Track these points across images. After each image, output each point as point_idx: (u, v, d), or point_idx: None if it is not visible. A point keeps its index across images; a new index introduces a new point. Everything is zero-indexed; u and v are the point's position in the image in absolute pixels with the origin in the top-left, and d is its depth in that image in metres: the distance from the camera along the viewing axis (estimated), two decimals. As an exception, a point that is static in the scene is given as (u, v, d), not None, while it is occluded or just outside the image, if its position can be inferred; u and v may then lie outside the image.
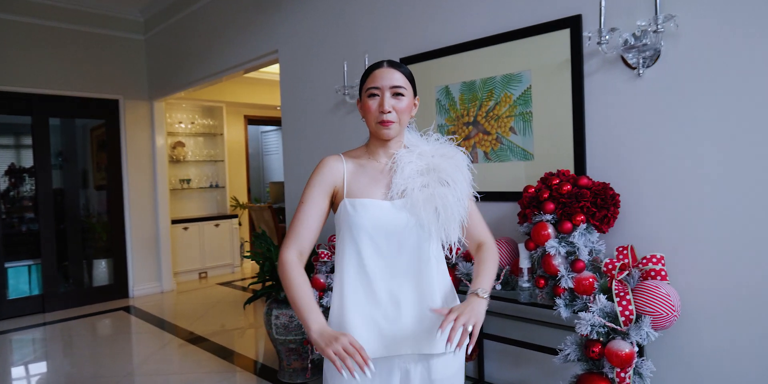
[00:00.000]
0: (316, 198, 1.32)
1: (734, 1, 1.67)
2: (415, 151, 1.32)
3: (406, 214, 1.27)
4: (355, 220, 1.27)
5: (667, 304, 1.61)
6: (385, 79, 1.29)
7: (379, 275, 1.27)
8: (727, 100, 1.69)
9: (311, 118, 3.28)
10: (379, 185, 1.32)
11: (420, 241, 1.28)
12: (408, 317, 1.27)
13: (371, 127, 1.33)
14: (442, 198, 1.25)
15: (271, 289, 2.90)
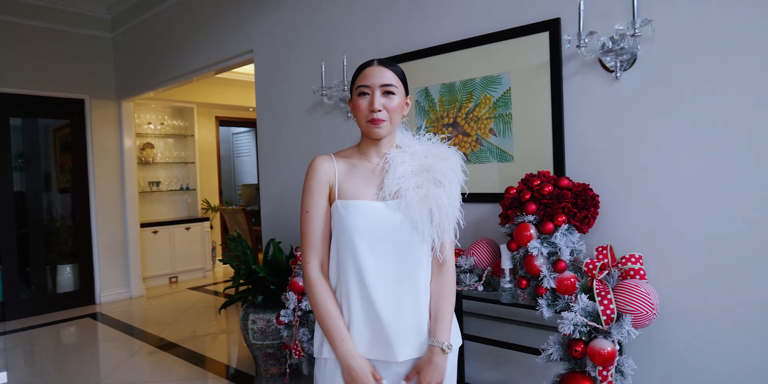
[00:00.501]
0: (318, 203, 1.31)
1: (708, 8, 1.71)
2: (408, 151, 1.31)
3: (400, 215, 1.25)
4: (348, 221, 1.25)
5: (646, 302, 1.63)
6: (375, 77, 1.27)
7: (374, 278, 1.24)
8: (701, 103, 1.74)
9: (288, 119, 3.24)
10: (371, 185, 1.30)
11: (413, 242, 1.25)
12: (402, 320, 1.25)
13: (362, 126, 1.31)
14: (437, 199, 1.23)
15: (248, 293, 2.84)
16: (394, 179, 1.26)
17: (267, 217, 3.44)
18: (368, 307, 1.24)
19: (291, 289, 2.54)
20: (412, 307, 1.25)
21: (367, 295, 1.24)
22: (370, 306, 1.24)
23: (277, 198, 3.34)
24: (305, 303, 2.50)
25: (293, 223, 3.20)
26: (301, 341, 2.54)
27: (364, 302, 1.25)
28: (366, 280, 1.24)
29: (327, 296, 1.27)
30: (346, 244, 1.26)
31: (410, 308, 1.25)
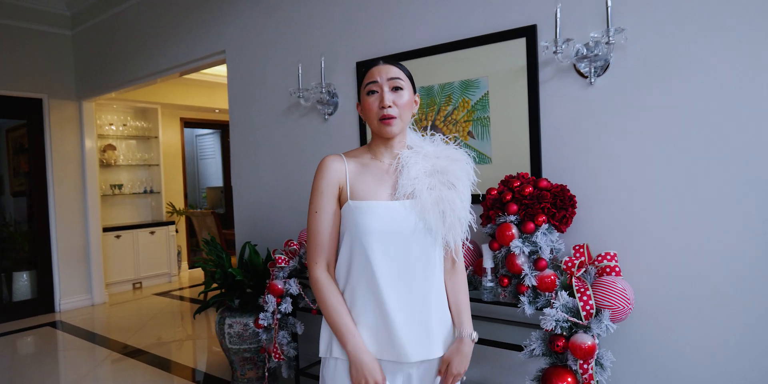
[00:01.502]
0: (327, 204, 1.29)
1: (675, 19, 1.82)
2: (421, 151, 1.30)
3: (414, 216, 1.24)
4: (362, 222, 1.24)
5: (623, 297, 1.71)
6: (382, 72, 1.28)
7: (387, 279, 1.23)
8: (670, 107, 1.84)
9: (262, 121, 3.21)
10: (384, 186, 1.29)
11: (426, 244, 1.25)
12: (414, 322, 1.25)
13: (373, 126, 1.30)
14: (450, 201, 1.23)
15: (224, 297, 2.80)
16: (409, 180, 1.25)
17: (241, 220, 3.39)
18: (380, 308, 1.24)
19: (270, 292, 2.52)
20: (423, 308, 1.25)
21: (378, 296, 1.24)
22: (381, 307, 1.24)
23: (251, 201, 3.30)
24: (284, 306, 2.48)
25: (270, 225, 3.17)
26: (280, 344, 2.52)
27: (375, 303, 1.24)
28: (378, 281, 1.23)
29: (335, 294, 1.27)
30: (358, 245, 1.24)
31: (422, 310, 1.25)
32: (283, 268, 2.56)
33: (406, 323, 1.24)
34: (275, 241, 3.12)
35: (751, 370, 1.74)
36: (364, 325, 1.26)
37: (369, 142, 1.40)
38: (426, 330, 1.26)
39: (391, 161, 1.33)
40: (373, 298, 1.25)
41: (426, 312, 1.26)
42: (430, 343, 1.26)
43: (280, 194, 3.12)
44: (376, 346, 1.26)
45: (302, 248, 2.60)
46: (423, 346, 1.26)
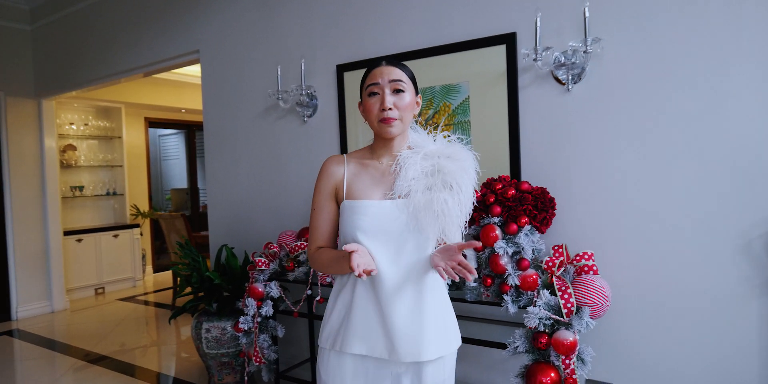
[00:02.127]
0: (324, 203, 1.36)
1: (647, 28, 1.92)
2: (420, 151, 1.30)
3: (405, 216, 1.26)
4: (353, 221, 1.27)
5: (602, 295, 1.79)
6: (384, 74, 1.29)
7: (379, 277, 1.26)
8: (642, 113, 1.94)
9: (238, 122, 3.17)
10: (380, 186, 1.31)
11: (419, 244, 1.27)
12: (406, 322, 1.26)
13: (374, 126, 1.32)
14: (443, 203, 1.23)
15: (201, 301, 2.75)
16: (406, 181, 1.26)
17: (215, 222, 3.34)
18: (374, 306, 1.27)
19: (250, 295, 2.50)
20: (417, 308, 1.27)
21: (372, 294, 1.27)
22: (375, 305, 1.27)
23: (227, 202, 3.25)
24: (265, 309, 2.47)
25: (246, 228, 3.14)
26: (261, 348, 2.51)
27: (370, 301, 1.27)
28: (371, 280, 1.26)
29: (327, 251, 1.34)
30: (353, 242, 1.27)
31: (415, 309, 1.27)
32: (263, 270, 2.54)
33: (399, 322, 1.25)
34: (253, 243, 3.09)
35: (718, 360, 1.85)
36: (359, 321, 1.28)
37: (371, 142, 1.41)
38: (419, 330, 1.26)
39: (390, 162, 1.34)
40: (368, 296, 1.28)
41: (419, 311, 1.27)
42: (422, 345, 1.26)
43: (257, 196, 3.09)
44: (369, 342, 1.28)
45: (282, 251, 2.59)
46: (415, 346, 1.26)
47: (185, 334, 4.07)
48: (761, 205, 1.77)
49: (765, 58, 1.74)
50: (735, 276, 1.82)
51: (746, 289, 1.81)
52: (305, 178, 2.87)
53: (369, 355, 1.30)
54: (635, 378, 2.00)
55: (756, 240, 1.79)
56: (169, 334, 4.08)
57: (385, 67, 1.31)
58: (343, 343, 1.30)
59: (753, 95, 1.77)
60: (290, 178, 2.93)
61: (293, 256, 2.50)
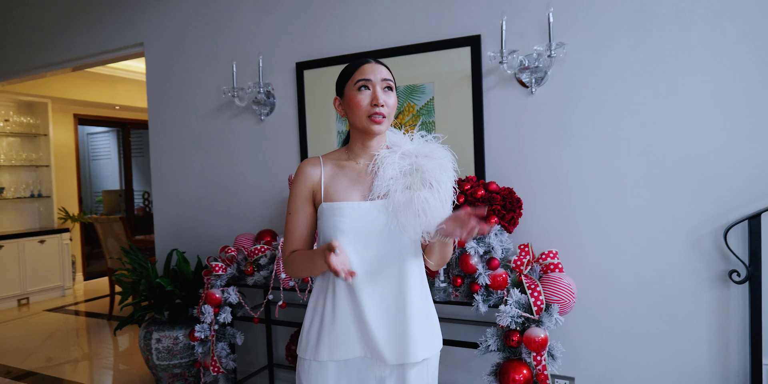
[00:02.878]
0: (300, 207, 1.32)
1: (605, 35, 2.00)
2: (398, 151, 1.29)
3: (385, 216, 1.24)
4: (333, 223, 1.24)
5: (569, 292, 1.85)
6: (376, 72, 1.27)
7: (360, 279, 1.23)
8: (599, 117, 2.03)
9: (188, 120, 3.01)
10: (358, 187, 1.29)
11: (401, 245, 1.25)
12: (389, 323, 1.24)
13: (359, 122, 1.27)
14: (423, 202, 1.21)
15: (150, 310, 2.58)
16: (384, 181, 1.25)
17: (162, 225, 3.15)
18: (355, 309, 1.24)
19: (207, 302, 2.37)
20: (399, 309, 1.25)
21: (354, 296, 1.24)
22: (356, 309, 1.24)
23: (175, 205, 3.08)
24: (223, 315, 2.35)
25: (197, 232, 2.99)
26: (219, 357, 2.39)
27: (351, 304, 1.25)
28: (353, 284, 1.23)
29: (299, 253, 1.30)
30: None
31: (398, 310, 1.25)
32: (220, 276, 2.43)
33: (380, 324, 1.23)
34: (205, 247, 2.94)
35: (672, 349, 1.96)
36: (342, 325, 1.25)
37: (347, 143, 1.38)
38: (402, 332, 1.24)
39: (367, 162, 1.32)
40: (349, 298, 1.25)
41: (402, 313, 1.24)
42: (406, 346, 1.24)
43: (209, 198, 2.95)
44: (351, 347, 1.25)
45: (240, 254, 2.48)
46: (400, 348, 1.24)
47: (123, 346, 3.82)
48: (709, 204, 1.89)
49: (713, 67, 1.87)
50: (687, 270, 1.94)
51: (697, 282, 1.93)
52: (262, 178, 2.77)
53: (352, 359, 1.27)
54: (596, 371, 2.08)
55: (705, 237, 1.91)
56: (104, 347, 3.81)
57: (375, 64, 1.29)
58: (325, 352, 1.26)
59: (703, 101, 1.89)
60: (246, 179, 2.82)
61: (253, 259, 2.40)
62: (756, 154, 1.82)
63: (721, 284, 1.89)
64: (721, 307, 1.89)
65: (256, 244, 2.47)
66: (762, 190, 1.81)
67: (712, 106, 1.88)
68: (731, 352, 1.89)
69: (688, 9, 1.89)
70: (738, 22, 1.83)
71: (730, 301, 1.88)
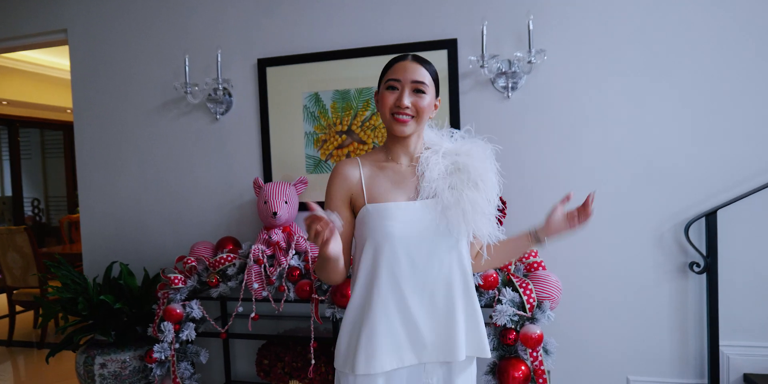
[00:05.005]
0: (337, 209, 1.25)
1: (577, 43, 2.13)
2: (440, 150, 1.27)
3: (434, 217, 1.21)
4: (381, 225, 1.19)
5: (557, 288, 1.93)
6: (408, 72, 1.23)
7: (410, 283, 1.19)
8: (571, 121, 2.15)
9: (125, 118, 2.71)
10: (402, 188, 1.25)
11: (450, 245, 1.22)
12: (439, 325, 1.22)
13: (385, 119, 1.26)
14: (472, 200, 1.21)
15: (91, 332, 2.28)
16: (430, 182, 1.22)
17: (92, 235, 2.80)
18: (403, 313, 1.20)
19: (167, 318, 2.15)
20: (449, 311, 1.22)
21: (402, 301, 1.20)
22: (405, 312, 1.20)
23: (109, 213, 2.76)
24: (186, 332, 2.15)
25: (138, 241, 2.69)
26: (182, 378, 2.17)
27: (399, 309, 1.20)
28: (401, 286, 1.19)
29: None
30: (379, 248, 1.19)
31: (447, 313, 1.22)
32: (179, 289, 2.21)
33: (429, 326, 1.21)
34: (150, 259, 2.66)
35: (637, 336, 2.12)
36: (387, 332, 1.20)
37: (384, 143, 1.35)
38: (451, 332, 1.22)
39: (409, 162, 1.30)
40: (397, 303, 1.21)
41: (452, 315, 1.23)
42: (454, 346, 1.23)
43: (152, 204, 2.67)
44: (398, 353, 1.21)
45: (200, 265, 2.28)
46: (446, 346, 1.22)
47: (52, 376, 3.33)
48: (670, 202, 2.08)
49: (673, 76, 2.06)
50: (651, 264, 2.11)
51: (659, 274, 2.10)
52: (217, 182, 2.57)
53: (399, 368, 1.22)
54: (569, 361, 2.19)
55: (666, 233, 2.09)
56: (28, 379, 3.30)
57: (410, 63, 1.25)
58: (377, 364, 1.20)
59: (665, 107, 2.07)
60: (198, 183, 2.60)
61: (217, 270, 2.22)
62: (711, 156, 2.03)
63: (681, 275, 2.08)
64: (681, 296, 2.09)
65: (220, 253, 2.28)
66: (717, 189, 2.02)
67: (673, 112, 2.06)
68: (690, 336, 2.09)
69: (650, 21, 2.07)
70: (694, 35, 2.03)
71: (688, 291, 2.08)
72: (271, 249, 2.22)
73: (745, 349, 2.03)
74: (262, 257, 2.16)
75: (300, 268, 2.17)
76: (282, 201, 2.22)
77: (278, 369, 2.20)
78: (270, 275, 2.15)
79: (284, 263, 2.16)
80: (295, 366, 2.16)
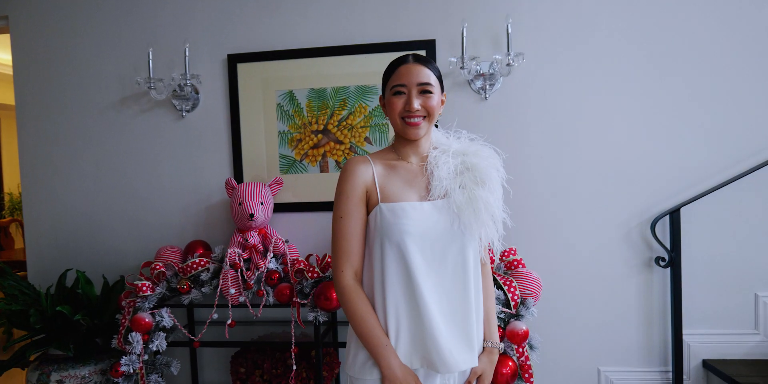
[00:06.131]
0: (354, 209, 1.21)
1: (549, 47, 2.20)
2: (448, 150, 1.27)
3: (448, 216, 1.20)
4: (397, 226, 1.17)
5: (538, 285, 1.98)
6: (412, 75, 1.22)
7: (427, 285, 1.17)
8: (545, 124, 2.22)
9: (78, 114, 2.51)
10: (414, 187, 1.24)
11: (463, 245, 1.21)
12: (455, 329, 1.20)
13: (396, 126, 1.25)
14: (484, 200, 1.21)
15: (46, 346, 2.09)
16: (440, 180, 1.22)
17: (37, 240, 2.57)
18: (420, 316, 1.17)
19: (135, 328, 2.01)
20: (464, 314, 1.22)
21: (419, 303, 1.17)
22: (422, 316, 1.17)
23: (57, 215, 2.54)
24: (157, 342, 2.03)
25: (93, 247, 2.50)
26: (153, 391, 2.04)
27: (415, 312, 1.18)
28: (418, 287, 1.17)
29: (365, 303, 1.20)
30: (394, 249, 1.18)
31: (463, 316, 1.21)
32: (147, 296, 2.08)
33: (448, 331, 1.20)
34: (108, 265, 2.48)
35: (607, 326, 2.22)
36: (403, 334, 1.19)
37: (392, 143, 1.35)
38: (467, 337, 1.22)
39: (419, 161, 1.30)
40: (413, 306, 1.19)
41: (467, 318, 1.22)
42: (471, 352, 1.23)
43: (110, 207, 2.50)
44: (416, 356, 1.20)
45: (170, 270, 2.15)
46: (465, 354, 1.22)
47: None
48: (637, 201, 2.20)
49: (639, 81, 2.18)
50: (619, 259, 2.22)
51: (627, 268, 2.22)
52: (183, 183, 2.44)
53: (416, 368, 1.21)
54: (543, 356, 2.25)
55: (633, 229, 2.21)
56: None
57: (413, 65, 1.24)
58: None
59: (632, 110, 2.18)
60: (162, 184, 2.46)
61: (189, 275, 2.10)
62: (675, 157, 2.16)
63: (647, 269, 2.20)
64: (647, 289, 2.21)
65: (191, 258, 2.16)
66: (680, 187, 2.16)
67: (640, 114, 2.18)
68: (655, 327, 2.21)
69: (619, 29, 2.18)
70: (660, 43, 2.16)
71: (654, 284, 2.20)
72: (247, 252, 2.14)
73: (704, 336, 2.18)
74: (239, 261, 2.08)
75: (279, 272, 2.10)
76: (258, 202, 2.14)
77: (256, 377, 2.11)
78: (248, 279, 2.07)
79: (263, 267, 2.08)
80: (275, 373, 2.09)
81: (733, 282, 2.16)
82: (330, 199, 2.34)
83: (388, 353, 1.16)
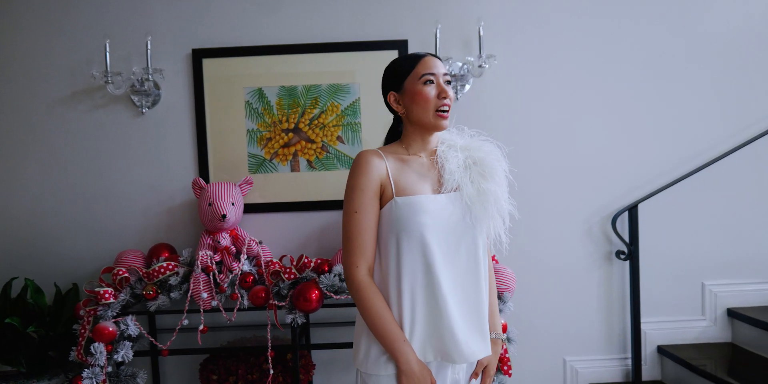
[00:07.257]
0: (368, 203, 1.20)
1: (517, 48, 2.29)
2: (455, 145, 1.29)
3: (460, 209, 1.22)
4: (415, 219, 1.17)
5: (513, 279, 2.05)
6: (437, 66, 1.26)
7: (445, 277, 1.18)
8: (515, 122, 2.31)
9: (25, 109, 2.31)
10: (427, 181, 1.25)
11: (475, 238, 1.23)
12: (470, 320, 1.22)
13: (426, 117, 1.25)
14: (493, 193, 1.23)
15: (-7, 362, 1.91)
16: (452, 174, 1.23)
17: (-26, 248, 2.35)
18: (438, 309, 1.18)
19: (97, 338, 1.88)
20: (476, 304, 1.23)
21: (435, 295, 1.18)
22: (440, 308, 1.18)
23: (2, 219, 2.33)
24: (122, 352, 1.92)
25: (42, 251, 2.31)
26: (119, 405, 1.92)
27: (432, 304, 1.18)
28: (438, 280, 1.17)
29: (380, 298, 1.20)
30: (412, 242, 1.18)
31: (475, 306, 1.23)
32: (110, 304, 1.95)
33: (463, 322, 1.21)
34: (58, 272, 2.30)
35: (573, 316, 2.33)
36: (418, 327, 1.19)
37: (400, 139, 1.35)
38: (481, 327, 1.24)
39: (428, 156, 1.31)
40: (430, 298, 1.19)
41: (480, 308, 1.24)
42: (484, 341, 1.25)
43: (61, 210, 2.32)
44: (429, 349, 1.21)
45: (133, 276, 2.03)
46: (479, 343, 1.24)
47: None
48: (597, 198, 2.33)
49: (602, 87, 2.31)
50: (582, 253, 2.34)
51: (590, 262, 2.34)
52: (142, 184, 2.31)
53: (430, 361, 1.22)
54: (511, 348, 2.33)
55: (594, 225, 2.34)
56: None
57: (433, 58, 1.28)
58: None
59: (592, 112, 2.31)
60: (118, 185, 2.31)
61: (155, 281, 1.99)
62: (632, 155, 2.31)
63: (607, 263, 2.34)
64: (607, 281, 2.34)
65: (156, 262, 2.05)
66: (638, 184, 2.31)
67: (600, 115, 2.31)
68: (615, 316, 2.35)
69: (581, 34, 2.30)
70: (618, 49, 2.30)
71: (613, 276, 2.34)
72: (218, 255, 2.06)
73: (659, 324, 2.34)
74: (211, 264, 1.99)
75: (253, 274, 2.04)
76: (229, 203, 2.07)
77: (230, 383, 2.04)
78: (221, 283, 1.99)
79: (236, 269, 2.01)
80: (250, 378, 2.03)
81: (683, 272, 2.33)
82: (303, 200, 2.30)
83: (405, 348, 1.16)
